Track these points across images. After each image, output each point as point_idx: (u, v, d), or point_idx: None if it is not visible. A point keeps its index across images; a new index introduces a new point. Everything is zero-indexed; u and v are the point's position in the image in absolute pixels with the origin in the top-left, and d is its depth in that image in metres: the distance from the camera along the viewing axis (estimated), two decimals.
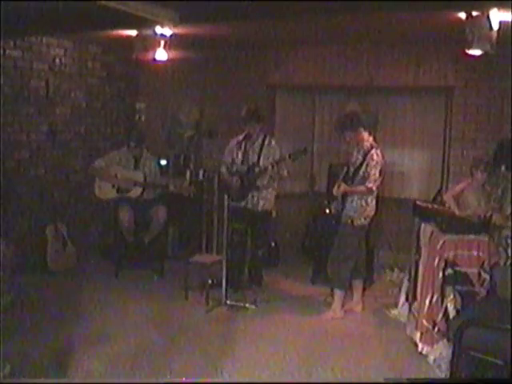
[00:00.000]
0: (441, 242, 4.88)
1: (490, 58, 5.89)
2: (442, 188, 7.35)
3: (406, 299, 5.90)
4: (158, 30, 6.51)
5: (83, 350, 4.93)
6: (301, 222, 8.22)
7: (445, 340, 4.78)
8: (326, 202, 6.88)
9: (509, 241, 4.69)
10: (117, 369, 4.59)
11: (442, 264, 4.86)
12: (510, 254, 4.70)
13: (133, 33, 6.74)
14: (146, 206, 7.18)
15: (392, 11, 5.31)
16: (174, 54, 6.86)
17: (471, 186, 5.79)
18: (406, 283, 5.98)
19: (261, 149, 6.52)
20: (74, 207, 7.74)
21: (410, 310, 5.67)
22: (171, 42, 6.72)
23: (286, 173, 6.47)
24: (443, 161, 7.68)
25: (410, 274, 5.81)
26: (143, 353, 4.93)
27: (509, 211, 4.72)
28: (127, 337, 5.30)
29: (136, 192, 7.14)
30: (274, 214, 6.87)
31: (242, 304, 6.14)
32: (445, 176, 7.60)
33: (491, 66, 6.85)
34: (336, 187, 5.92)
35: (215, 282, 6.38)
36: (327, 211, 6.71)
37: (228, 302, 6.17)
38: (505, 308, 4.26)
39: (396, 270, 7.44)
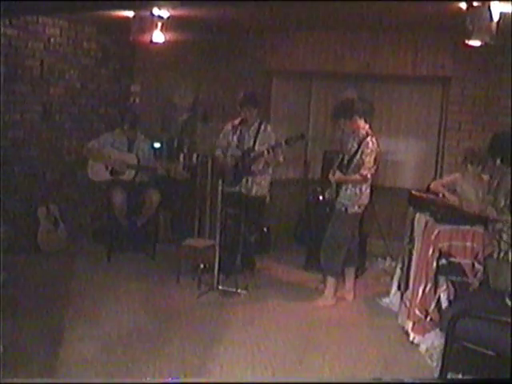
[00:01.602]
0: (435, 232, 4.89)
1: (488, 49, 5.89)
2: (435, 178, 7.37)
3: (398, 288, 5.91)
4: (156, 11, 6.46)
5: (75, 330, 4.92)
6: (293, 209, 8.20)
7: (437, 330, 4.79)
8: (319, 189, 6.90)
9: (502, 234, 4.69)
10: (109, 350, 4.58)
11: (436, 254, 4.87)
12: (502, 247, 4.70)
13: (130, 14, 6.67)
14: (139, 189, 7.15)
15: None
16: (170, 36, 6.79)
17: (465, 178, 5.78)
18: (398, 272, 5.99)
19: (256, 134, 6.50)
20: (66, 188, 7.68)
21: (401, 298, 5.68)
22: (168, 24, 6.67)
23: (281, 158, 6.46)
24: (438, 151, 7.69)
25: (402, 263, 5.82)
26: (135, 335, 4.94)
27: (502, 204, 4.72)
28: (119, 319, 5.30)
29: (129, 175, 7.10)
30: (267, 199, 6.85)
31: (234, 289, 6.13)
32: (439, 166, 7.60)
33: (489, 57, 6.84)
34: (331, 175, 5.92)
35: (207, 266, 6.38)
36: (321, 198, 6.72)
37: (220, 287, 6.16)
38: (497, 299, 4.27)
39: (388, 258, 7.46)
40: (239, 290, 6.14)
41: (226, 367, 4.42)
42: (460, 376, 4.08)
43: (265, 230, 7.75)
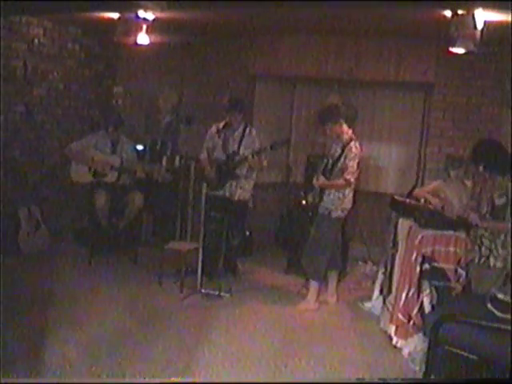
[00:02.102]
0: (419, 237, 4.93)
1: (470, 57, 5.97)
2: (417, 184, 7.43)
3: (381, 292, 5.95)
4: (141, 13, 6.45)
5: (57, 333, 4.88)
6: (275, 212, 8.23)
7: (419, 334, 4.83)
8: (302, 193, 6.91)
9: (483, 239, 4.74)
10: (94, 353, 4.56)
11: (420, 259, 4.92)
12: (483, 253, 4.76)
13: (115, 16, 6.66)
14: (122, 191, 7.13)
15: (380, 6, 5.33)
16: (154, 38, 6.80)
17: (448, 184, 5.85)
18: (380, 276, 6.03)
19: (241, 138, 6.52)
20: (48, 190, 7.63)
21: (384, 303, 5.72)
22: (153, 27, 6.66)
23: (265, 163, 6.48)
24: (419, 157, 7.76)
25: (385, 267, 5.86)
26: (119, 338, 4.91)
27: (485, 210, 4.78)
28: (101, 322, 5.26)
29: (112, 177, 7.07)
30: (251, 203, 6.86)
31: (217, 292, 6.13)
32: (420, 172, 7.67)
33: (472, 64, 6.93)
34: (315, 180, 5.94)
35: (189, 269, 6.37)
36: (303, 202, 6.74)
37: (203, 290, 6.16)
38: (479, 304, 4.32)
39: (369, 262, 7.50)
40: (222, 293, 6.14)
41: (211, 370, 4.42)
42: None
43: (247, 233, 7.76)
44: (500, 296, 4.21)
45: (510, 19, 5.43)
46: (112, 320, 5.34)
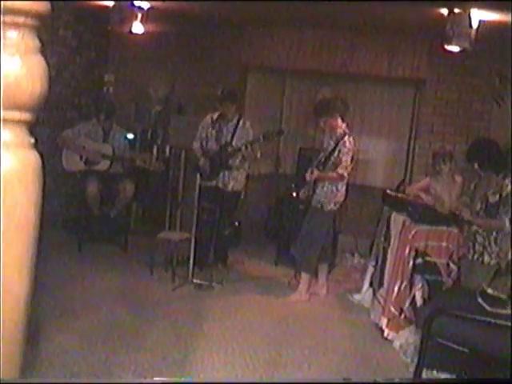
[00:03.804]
0: (413, 232, 5.02)
1: (462, 54, 6.04)
2: (405, 178, 7.53)
3: (370, 285, 6.04)
4: (136, 2, 6.45)
5: (51, 323, 4.88)
6: (264, 203, 8.28)
7: (411, 327, 4.93)
8: (293, 185, 6.96)
9: (477, 236, 4.83)
10: (89, 342, 4.57)
11: (413, 253, 5.01)
12: (476, 249, 4.85)
13: (109, 3, 6.64)
14: (114, 179, 7.12)
15: (377, 2, 5.37)
16: (147, 27, 6.80)
17: (437, 179, 5.93)
18: (370, 269, 6.11)
19: (235, 129, 6.54)
20: (45, 176, 7.57)
21: (374, 295, 5.80)
22: (146, 15, 6.66)
23: (259, 154, 6.51)
24: (408, 151, 7.84)
25: (376, 260, 5.94)
26: (113, 328, 4.92)
27: (479, 207, 4.87)
28: (94, 312, 5.26)
29: (104, 165, 7.06)
30: (242, 194, 6.91)
31: (209, 283, 6.18)
32: (409, 167, 7.76)
33: (464, 61, 7.01)
34: (309, 172, 5.99)
35: (180, 259, 6.41)
36: (294, 194, 6.79)
37: (194, 280, 6.19)
38: (470, 298, 4.41)
39: (356, 255, 7.60)
40: (213, 284, 6.18)
41: (207, 361, 4.46)
42: (435, 372, 4.22)
43: (236, 223, 7.80)
44: (490, 291, 4.28)
45: (503, 19, 5.52)
46: (105, 309, 5.34)
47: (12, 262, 1.60)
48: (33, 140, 1.61)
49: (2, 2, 1.57)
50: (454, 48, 5.56)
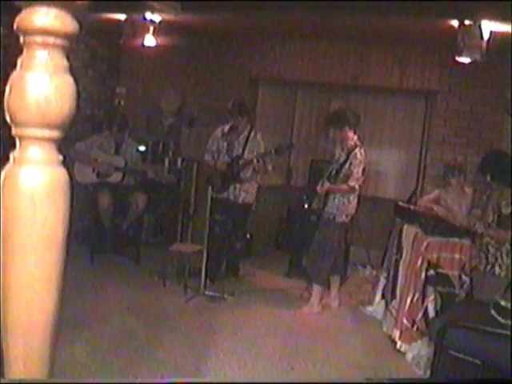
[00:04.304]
0: (425, 244, 5.00)
1: (474, 66, 6.05)
2: (416, 189, 7.52)
3: (382, 297, 6.02)
4: (148, 15, 6.50)
5: (65, 333, 4.88)
6: (275, 215, 8.29)
7: (423, 339, 4.91)
8: (304, 197, 6.96)
9: (489, 247, 4.82)
10: (102, 354, 4.59)
11: (425, 265, 4.99)
12: (489, 260, 4.83)
13: (121, 17, 6.69)
14: (126, 191, 7.16)
15: (388, 15, 5.40)
16: (159, 40, 6.85)
17: (448, 191, 5.93)
18: (382, 281, 6.10)
19: (246, 141, 6.57)
20: (73, 193, 7.61)
21: (386, 307, 5.79)
22: (159, 29, 6.71)
23: (270, 167, 6.53)
24: (420, 163, 7.84)
25: (387, 272, 5.93)
26: (125, 339, 4.93)
27: (491, 219, 4.86)
28: (107, 323, 5.27)
29: (116, 177, 7.11)
30: (254, 206, 6.93)
31: (221, 295, 6.18)
32: (420, 178, 7.75)
33: (475, 73, 7.01)
34: (320, 185, 5.99)
35: (191, 271, 6.42)
36: (305, 206, 6.79)
37: (206, 292, 6.20)
38: (483, 310, 4.40)
39: (368, 266, 7.58)
40: (225, 296, 6.19)
41: (219, 373, 4.46)
42: None
43: (248, 236, 7.81)
44: (503, 303, 4.27)
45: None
46: (117, 320, 5.36)
47: (42, 276, 1.65)
48: (61, 157, 1.67)
49: (27, 23, 1.62)
50: (465, 59, 5.57)
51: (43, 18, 1.60)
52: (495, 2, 5.03)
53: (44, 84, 1.61)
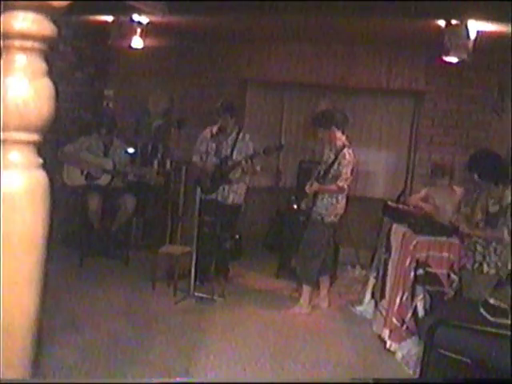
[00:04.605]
0: (414, 243, 5.02)
1: (461, 65, 6.08)
2: (405, 189, 7.54)
3: (372, 296, 6.04)
4: (136, 17, 6.48)
5: (53, 338, 4.87)
6: (264, 216, 8.28)
7: (413, 338, 4.92)
8: (293, 198, 6.97)
9: (477, 246, 4.84)
10: (91, 357, 4.57)
11: (414, 264, 5.00)
12: (476, 259, 4.85)
13: (108, 19, 6.67)
14: (115, 194, 7.15)
15: (375, 16, 5.42)
16: (147, 41, 6.84)
17: (436, 191, 5.96)
18: (371, 281, 6.11)
19: (234, 142, 6.56)
20: (53, 195, 7.58)
21: (376, 307, 5.80)
22: (147, 30, 6.69)
23: (259, 168, 6.52)
24: (408, 163, 7.86)
25: (377, 272, 5.95)
26: (115, 342, 4.90)
27: (479, 217, 4.87)
28: (97, 326, 5.25)
29: (105, 180, 7.10)
30: (242, 207, 6.92)
31: (210, 296, 6.17)
32: (409, 178, 7.78)
33: (462, 73, 7.04)
34: (308, 185, 6.00)
35: (181, 273, 6.41)
36: (294, 207, 6.80)
37: (196, 293, 6.19)
38: (471, 309, 4.41)
39: (358, 266, 7.59)
40: (215, 297, 6.18)
41: (209, 374, 4.46)
42: None
43: (237, 237, 7.80)
44: (492, 301, 4.28)
45: (501, 29, 5.56)
46: (107, 323, 5.34)
47: (22, 277, 1.66)
48: (41, 160, 1.67)
49: (1, 26, 1.61)
50: (453, 59, 5.60)
51: (21, 22, 1.60)
52: (482, 2, 5.06)
53: (23, 88, 1.61)
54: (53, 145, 7.47)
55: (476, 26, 5.40)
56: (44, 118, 1.63)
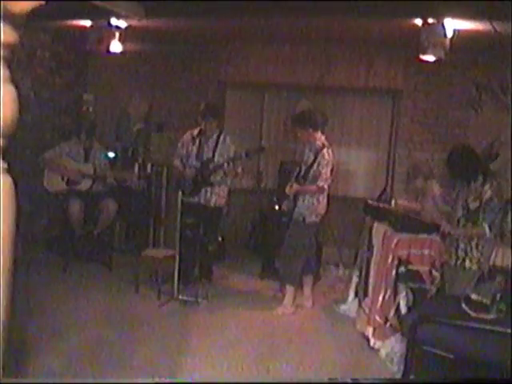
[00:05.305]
0: (395, 241, 5.05)
1: (438, 63, 6.13)
2: (386, 187, 7.58)
3: (355, 295, 6.07)
4: (114, 21, 6.46)
5: (38, 345, 4.84)
6: (247, 218, 8.30)
7: (396, 335, 4.95)
8: (275, 199, 7.00)
9: (459, 242, 4.87)
10: (77, 363, 4.55)
11: (396, 262, 5.04)
12: (459, 255, 4.89)
13: (86, 23, 6.65)
14: (96, 198, 7.13)
15: (352, 15, 5.46)
16: (126, 46, 6.81)
17: (415, 190, 6.03)
18: (355, 279, 6.14)
19: (216, 145, 6.56)
20: (20, 199, 7.54)
21: (359, 305, 5.83)
22: (125, 34, 6.67)
23: (240, 170, 6.54)
24: (388, 161, 7.91)
25: (360, 270, 5.98)
26: (100, 347, 4.88)
27: (460, 214, 4.91)
28: (81, 331, 5.22)
29: (86, 184, 7.07)
30: (225, 209, 6.93)
31: (194, 298, 6.16)
32: (390, 176, 7.83)
33: (440, 71, 7.10)
34: (288, 187, 6.01)
35: (165, 276, 6.40)
36: (276, 208, 6.83)
37: (180, 296, 6.18)
38: (454, 305, 4.45)
39: (341, 266, 7.63)
40: (199, 300, 6.17)
41: (194, 377, 4.46)
42: None
43: (220, 239, 7.81)
44: (473, 297, 4.32)
45: (477, 27, 5.62)
46: (91, 328, 5.31)
47: None
48: (5, 165, 1.67)
49: None
50: (430, 58, 5.65)
51: None
52: (458, 1, 5.12)
53: None
54: (33, 151, 7.44)
55: (453, 25, 5.44)
56: (7, 123, 1.64)
